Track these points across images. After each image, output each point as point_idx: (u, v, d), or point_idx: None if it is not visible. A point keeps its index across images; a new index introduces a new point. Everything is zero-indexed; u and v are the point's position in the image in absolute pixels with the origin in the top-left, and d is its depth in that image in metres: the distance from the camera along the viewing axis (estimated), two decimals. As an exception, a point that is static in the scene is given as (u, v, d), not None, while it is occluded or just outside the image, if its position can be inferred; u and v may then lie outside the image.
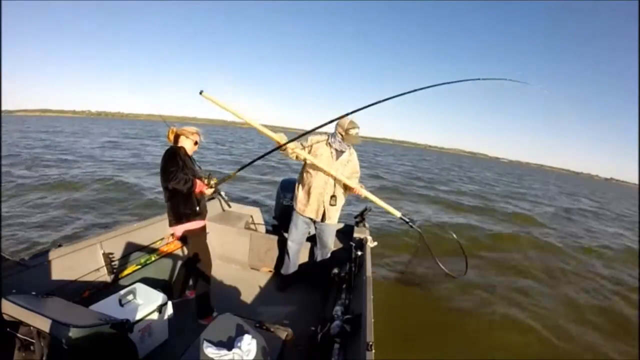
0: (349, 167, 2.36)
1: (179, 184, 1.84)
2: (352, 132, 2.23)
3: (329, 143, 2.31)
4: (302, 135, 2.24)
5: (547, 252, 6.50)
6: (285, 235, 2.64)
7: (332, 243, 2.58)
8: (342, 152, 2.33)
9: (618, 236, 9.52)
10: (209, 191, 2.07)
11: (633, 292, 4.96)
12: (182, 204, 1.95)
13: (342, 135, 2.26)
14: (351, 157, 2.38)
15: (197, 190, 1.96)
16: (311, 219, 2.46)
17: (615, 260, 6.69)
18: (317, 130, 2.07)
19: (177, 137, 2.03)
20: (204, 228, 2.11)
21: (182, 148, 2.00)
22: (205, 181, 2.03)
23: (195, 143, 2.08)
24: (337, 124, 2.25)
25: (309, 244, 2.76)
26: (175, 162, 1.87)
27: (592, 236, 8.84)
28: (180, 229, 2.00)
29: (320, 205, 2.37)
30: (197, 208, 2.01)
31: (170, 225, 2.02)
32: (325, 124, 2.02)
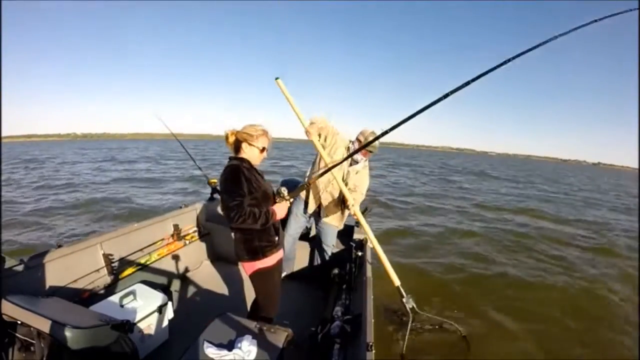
0: (357, 178, 2.33)
1: (245, 222, 1.37)
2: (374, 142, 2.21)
3: (348, 148, 2.29)
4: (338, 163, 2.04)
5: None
6: None
7: (332, 244, 2.59)
8: (357, 161, 2.32)
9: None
10: (285, 205, 1.58)
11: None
12: (258, 236, 1.51)
13: (360, 142, 2.22)
14: (363, 169, 2.35)
15: (277, 219, 1.53)
16: (311, 216, 2.49)
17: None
18: (342, 134, 2.28)
19: (238, 143, 1.52)
20: (281, 259, 1.68)
21: (246, 160, 1.51)
22: (277, 199, 1.57)
23: (263, 150, 1.54)
24: (360, 133, 2.25)
25: (308, 244, 2.76)
26: (236, 189, 1.38)
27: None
28: (253, 266, 1.55)
29: (318, 200, 2.40)
30: (277, 238, 1.58)
31: (241, 260, 1.56)
32: (361, 148, 1.88)
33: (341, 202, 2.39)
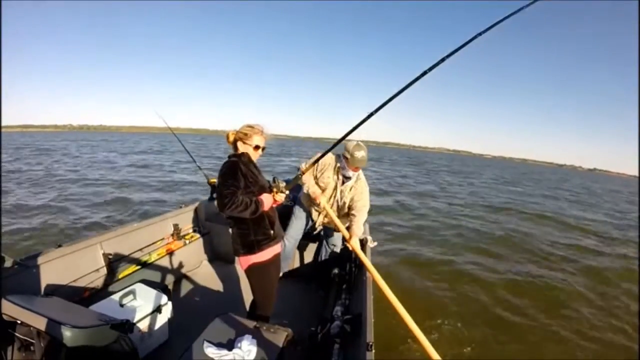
0: (353, 193, 2.23)
1: (236, 210, 1.42)
2: (357, 154, 2.06)
3: (338, 167, 2.20)
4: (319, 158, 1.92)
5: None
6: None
7: (338, 243, 2.56)
8: (348, 177, 2.21)
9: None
10: (281, 198, 1.62)
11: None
12: (253, 229, 1.57)
13: (347, 158, 2.10)
14: (356, 183, 2.23)
15: (265, 208, 1.55)
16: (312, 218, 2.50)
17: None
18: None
19: (235, 142, 1.62)
20: (278, 255, 1.74)
21: (245, 154, 1.60)
22: (274, 189, 1.61)
23: (257, 148, 1.61)
24: (345, 146, 2.11)
25: (310, 243, 2.76)
26: (231, 180, 1.46)
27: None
28: (249, 260, 1.60)
29: (321, 216, 2.43)
30: (272, 231, 1.63)
31: (237, 254, 1.62)
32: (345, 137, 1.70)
33: (343, 216, 2.36)
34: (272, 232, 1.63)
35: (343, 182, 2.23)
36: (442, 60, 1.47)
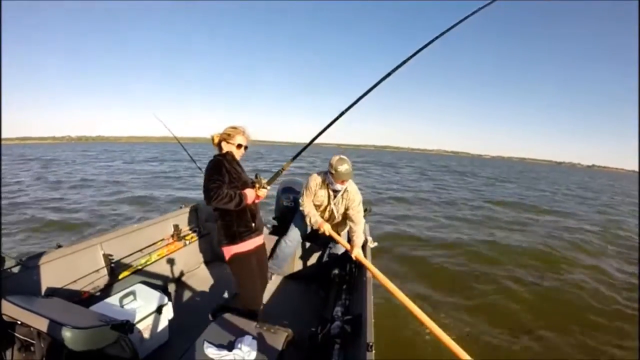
0: (344, 204, 2.31)
1: (222, 201, 1.53)
2: (341, 168, 2.12)
3: (327, 183, 2.28)
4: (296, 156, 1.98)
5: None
6: None
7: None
8: (337, 191, 2.29)
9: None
10: (263, 193, 1.73)
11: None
12: (236, 221, 1.67)
13: (332, 174, 2.17)
14: (346, 193, 2.30)
15: (248, 202, 1.65)
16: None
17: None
18: (318, 170, 2.32)
19: (220, 142, 1.74)
20: (260, 246, 1.85)
21: (229, 153, 1.72)
22: (257, 185, 1.72)
23: (239, 147, 1.73)
24: (329, 162, 2.18)
25: (310, 244, 2.76)
26: (216, 175, 1.57)
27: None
28: (230, 251, 1.70)
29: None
30: (253, 224, 1.74)
31: (221, 245, 1.73)
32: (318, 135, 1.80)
33: (341, 223, 2.43)
34: (253, 224, 1.74)
35: (335, 196, 2.31)
36: (407, 59, 1.65)
